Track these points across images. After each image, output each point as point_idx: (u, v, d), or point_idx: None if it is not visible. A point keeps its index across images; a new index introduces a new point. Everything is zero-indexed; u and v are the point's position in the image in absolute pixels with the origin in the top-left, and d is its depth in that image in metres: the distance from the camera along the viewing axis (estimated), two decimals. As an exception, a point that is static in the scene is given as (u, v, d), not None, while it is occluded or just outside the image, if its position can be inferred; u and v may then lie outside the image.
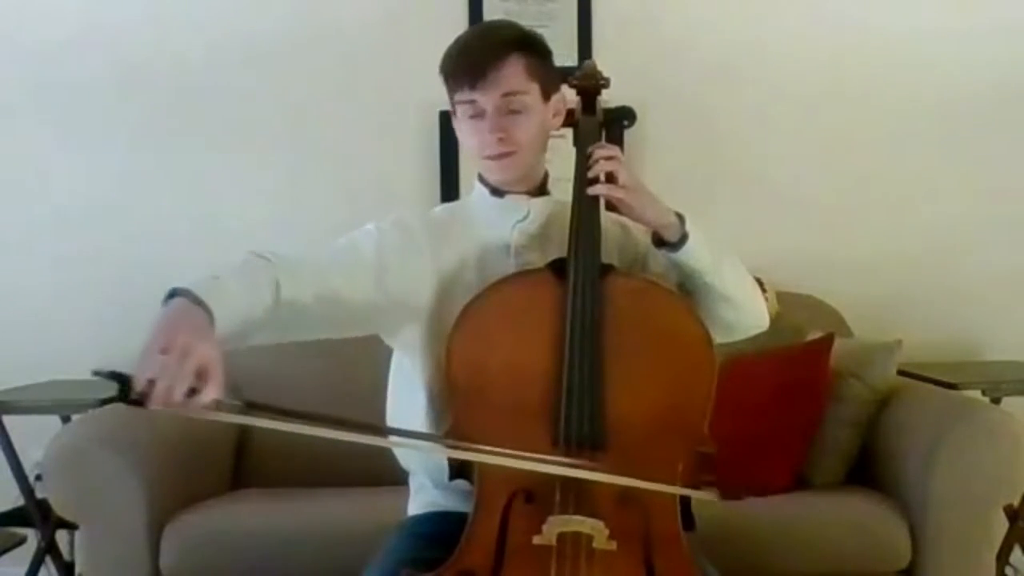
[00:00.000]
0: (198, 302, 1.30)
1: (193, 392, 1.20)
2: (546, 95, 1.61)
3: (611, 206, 1.62)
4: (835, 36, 3.17)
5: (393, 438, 1.53)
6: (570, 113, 1.69)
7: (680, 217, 1.56)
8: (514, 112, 1.57)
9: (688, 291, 1.60)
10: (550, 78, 1.63)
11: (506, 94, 1.56)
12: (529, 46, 1.60)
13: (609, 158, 1.55)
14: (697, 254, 1.56)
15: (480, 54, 1.57)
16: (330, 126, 3.18)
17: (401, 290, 1.58)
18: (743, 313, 1.63)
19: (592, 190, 1.54)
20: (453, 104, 1.62)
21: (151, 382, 1.18)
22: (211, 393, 1.21)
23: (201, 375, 1.20)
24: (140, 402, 1.19)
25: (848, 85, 3.17)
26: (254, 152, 3.19)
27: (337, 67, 3.18)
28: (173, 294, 1.32)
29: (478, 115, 1.58)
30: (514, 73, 1.56)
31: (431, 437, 1.53)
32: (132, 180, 3.20)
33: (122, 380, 1.20)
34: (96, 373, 1.23)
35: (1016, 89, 3.16)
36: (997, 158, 3.18)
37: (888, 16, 3.17)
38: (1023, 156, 3.19)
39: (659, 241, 1.58)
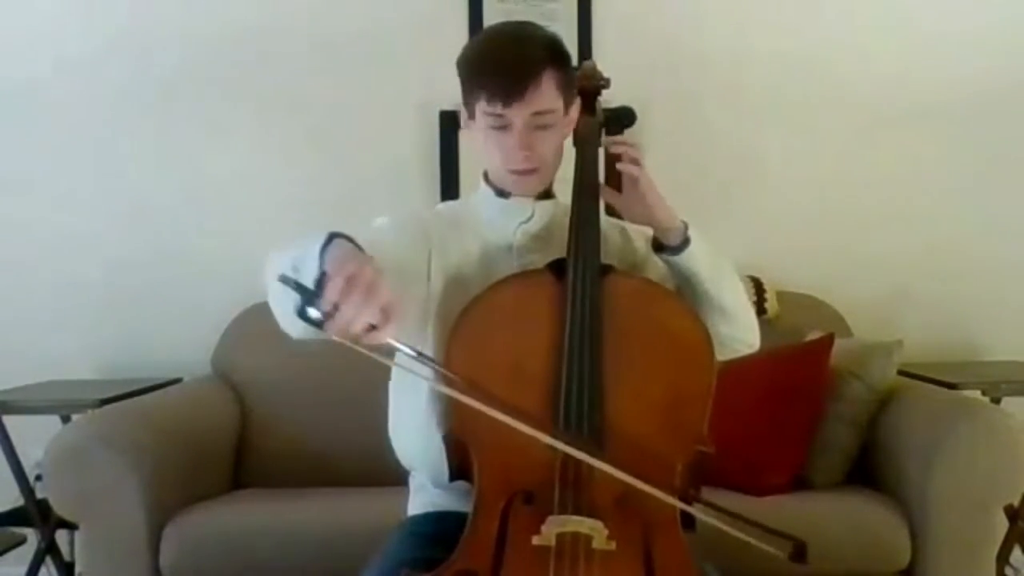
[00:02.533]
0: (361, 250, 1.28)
1: (372, 329, 1.18)
2: (567, 107, 1.59)
3: (613, 211, 1.63)
4: (835, 37, 3.17)
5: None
6: None
7: (684, 224, 1.57)
8: (541, 129, 1.55)
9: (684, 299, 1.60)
10: (571, 89, 1.61)
11: (537, 112, 1.53)
12: (559, 59, 1.56)
13: (634, 147, 1.58)
14: (697, 260, 1.57)
15: (517, 70, 1.51)
16: (330, 126, 3.18)
17: (418, 275, 1.59)
18: (736, 327, 1.63)
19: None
20: (472, 108, 1.58)
21: (335, 306, 1.16)
22: (390, 332, 1.19)
23: (384, 313, 1.18)
24: (318, 323, 1.17)
25: (847, 86, 3.16)
26: (252, 152, 3.19)
27: (337, 67, 3.17)
28: (332, 238, 1.28)
29: (503, 128, 1.55)
30: (547, 91, 1.53)
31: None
32: (128, 180, 3.19)
33: (308, 294, 1.17)
34: (282, 279, 1.18)
35: (1017, 88, 3.16)
36: (998, 158, 3.18)
37: (887, 17, 3.17)
38: None
39: (659, 246, 1.59)
